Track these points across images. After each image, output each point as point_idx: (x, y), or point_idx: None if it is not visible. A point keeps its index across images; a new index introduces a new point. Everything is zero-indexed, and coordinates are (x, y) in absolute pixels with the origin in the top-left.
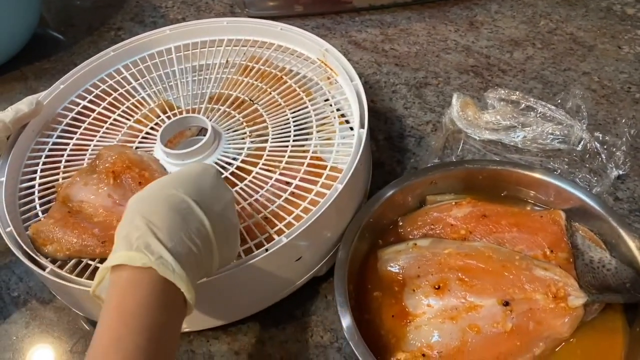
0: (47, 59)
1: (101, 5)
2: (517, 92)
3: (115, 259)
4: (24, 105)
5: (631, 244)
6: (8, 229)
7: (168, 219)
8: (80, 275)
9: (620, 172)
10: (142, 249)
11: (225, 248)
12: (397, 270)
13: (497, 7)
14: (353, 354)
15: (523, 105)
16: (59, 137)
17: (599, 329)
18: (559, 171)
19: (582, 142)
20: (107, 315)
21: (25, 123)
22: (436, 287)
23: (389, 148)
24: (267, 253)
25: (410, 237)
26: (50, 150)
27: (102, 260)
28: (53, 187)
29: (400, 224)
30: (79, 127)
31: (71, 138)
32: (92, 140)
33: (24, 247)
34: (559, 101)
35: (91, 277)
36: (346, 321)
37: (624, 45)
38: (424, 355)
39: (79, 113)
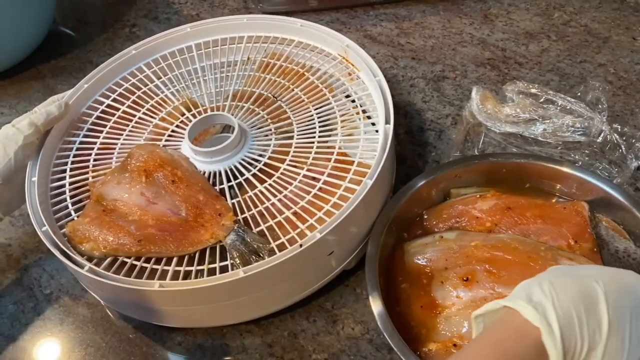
0: (63, 57)
1: (113, 2)
2: (536, 85)
3: (512, 303)
4: (54, 107)
5: None
6: (44, 228)
7: (571, 299)
8: (117, 272)
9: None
10: (538, 308)
11: None
12: (424, 263)
13: (511, 0)
14: (384, 344)
15: (543, 98)
16: (85, 136)
17: None
18: (580, 163)
19: (602, 134)
20: (481, 346)
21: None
22: (464, 279)
23: (410, 142)
24: (301, 249)
25: (435, 230)
26: (77, 149)
27: (137, 258)
28: (83, 185)
29: (426, 217)
30: (105, 126)
31: (97, 137)
32: (118, 139)
33: (61, 245)
34: (579, 94)
35: (128, 274)
36: (379, 313)
37: (639, 37)
38: (455, 345)
39: (103, 112)
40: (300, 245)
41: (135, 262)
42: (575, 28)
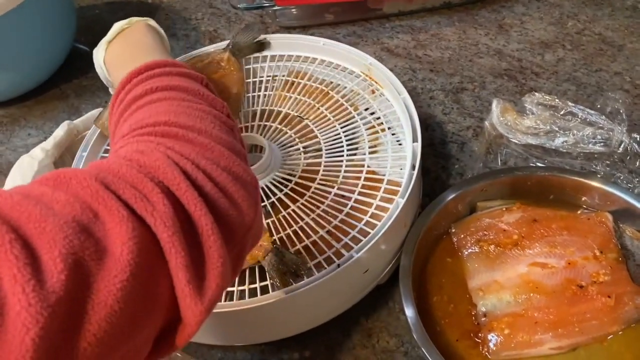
0: (84, 76)
1: None
2: (556, 98)
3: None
4: (60, 130)
5: None
6: None
7: None
8: None
9: None
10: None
11: None
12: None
13: (524, 9)
14: (419, 357)
15: (563, 110)
16: None
17: None
18: (601, 174)
19: (622, 145)
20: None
21: (66, 146)
22: None
23: (433, 155)
24: (339, 269)
25: (463, 242)
26: None
27: None
28: None
29: (453, 230)
30: None
31: None
32: None
33: None
34: (599, 106)
35: None
36: (415, 327)
37: None
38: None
39: None
40: (338, 265)
41: None
42: (589, 37)
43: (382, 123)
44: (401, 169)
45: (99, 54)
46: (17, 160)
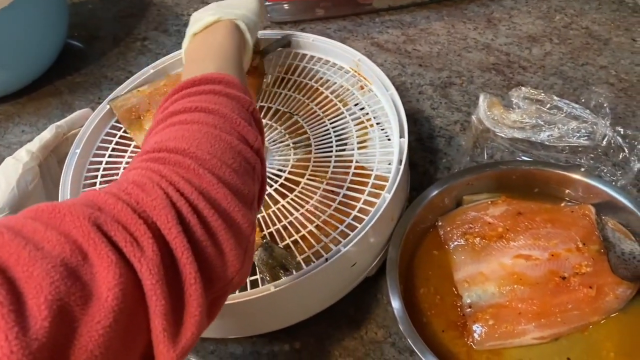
0: (77, 72)
1: (123, 15)
2: (541, 92)
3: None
4: (47, 132)
5: None
6: None
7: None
8: None
9: None
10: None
11: None
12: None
13: (513, 3)
14: (406, 348)
15: (548, 104)
16: (110, 156)
17: (632, 314)
18: (585, 166)
19: (605, 138)
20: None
21: (52, 148)
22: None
23: (421, 149)
24: (327, 263)
25: (449, 235)
26: (104, 169)
27: None
28: None
29: (440, 224)
30: (129, 146)
31: (122, 157)
32: None
33: None
34: (583, 100)
35: None
36: (401, 319)
37: (638, 38)
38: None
39: (125, 131)
40: (326, 260)
41: None
42: (576, 30)
43: (370, 119)
44: (389, 164)
45: (183, 44)
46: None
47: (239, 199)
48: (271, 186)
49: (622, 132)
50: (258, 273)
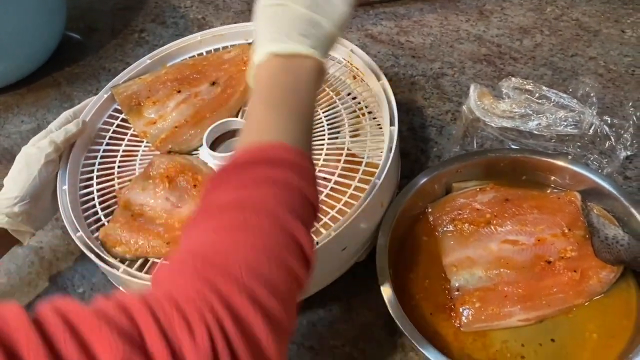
0: (76, 64)
1: (121, 7)
2: (531, 82)
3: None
4: (72, 125)
5: None
6: (78, 234)
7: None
8: (149, 272)
9: (629, 153)
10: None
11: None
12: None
13: None
14: (396, 330)
15: (537, 94)
16: (107, 144)
17: (614, 297)
18: (572, 155)
19: (592, 127)
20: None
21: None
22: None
23: (413, 138)
24: (317, 246)
25: (439, 222)
26: (102, 157)
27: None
28: (110, 192)
29: (430, 210)
30: (126, 134)
31: (120, 145)
32: (139, 146)
33: (95, 249)
34: (571, 90)
35: None
36: (390, 302)
37: (627, 29)
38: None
39: (123, 120)
40: (317, 243)
41: (165, 263)
42: (566, 22)
43: (362, 108)
44: (380, 152)
45: (256, 58)
46: (11, 147)
47: (271, 327)
48: None
49: (609, 121)
50: None
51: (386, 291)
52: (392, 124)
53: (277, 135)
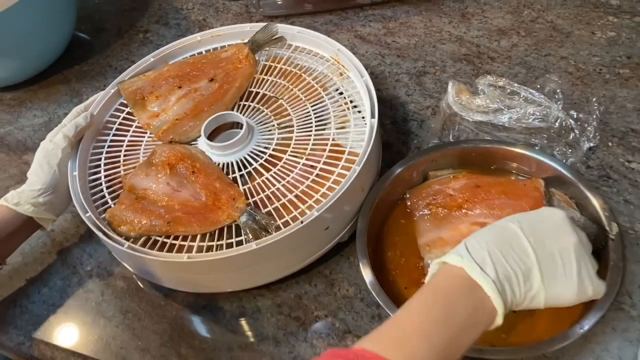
0: (84, 62)
1: (127, 9)
2: (504, 79)
3: (449, 258)
4: (81, 119)
5: (596, 204)
6: (87, 214)
7: (493, 239)
8: (151, 248)
9: (591, 144)
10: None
11: (552, 286)
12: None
13: None
14: (373, 302)
15: (509, 90)
16: (114, 135)
17: None
18: (539, 146)
19: (558, 120)
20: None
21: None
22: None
23: (395, 131)
24: (302, 225)
25: (416, 206)
26: (109, 147)
27: (167, 237)
28: (116, 178)
29: (408, 196)
30: (131, 126)
31: (125, 136)
32: (143, 137)
33: (102, 228)
34: (539, 86)
35: (160, 249)
36: (367, 276)
37: (597, 31)
38: None
39: (128, 113)
40: (302, 222)
41: (165, 240)
42: (542, 24)
43: (347, 102)
44: (362, 142)
45: (433, 267)
46: (24, 139)
47: None
48: (257, 161)
49: (575, 116)
50: (243, 235)
51: (365, 268)
52: (372, 116)
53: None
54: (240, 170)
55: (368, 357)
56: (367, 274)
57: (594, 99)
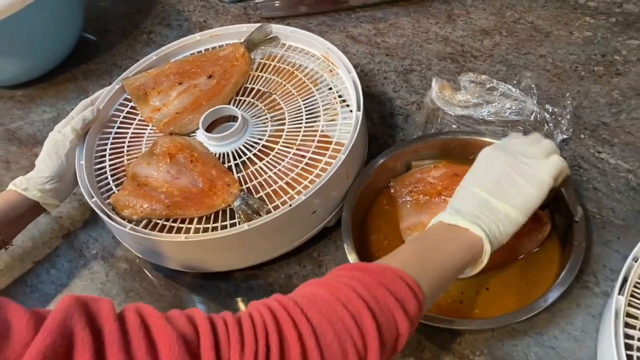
0: (91, 61)
1: (132, 11)
2: (484, 75)
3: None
4: (88, 113)
5: (564, 190)
6: (93, 200)
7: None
8: (152, 230)
9: (565, 136)
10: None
11: (510, 198)
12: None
13: (471, 1)
14: None
15: (488, 85)
16: (119, 127)
17: (541, 253)
18: None
19: (533, 114)
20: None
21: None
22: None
23: (382, 125)
24: (290, 208)
25: (399, 193)
26: (114, 138)
27: (167, 220)
28: (120, 166)
29: (392, 184)
30: (134, 119)
31: (129, 128)
32: (145, 129)
33: (107, 211)
34: (515, 82)
35: (160, 231)
36: (352, 259)
37: (575, 31)
38: None
39: (132, 107)
40: (290, 206)
41: (165, 223)
42: (523, 25)
43: (336, 97)
44: (349, 133)
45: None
46: (34, 133)
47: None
48: (250, 151)
49: (550, 110)
50: (236, 218)
51: (350, 250)
52: (358, 109)
53: (409, 270)
54: (235, 159)
55: (393, 270)
56: (352, 257)
57: (568, 94)
